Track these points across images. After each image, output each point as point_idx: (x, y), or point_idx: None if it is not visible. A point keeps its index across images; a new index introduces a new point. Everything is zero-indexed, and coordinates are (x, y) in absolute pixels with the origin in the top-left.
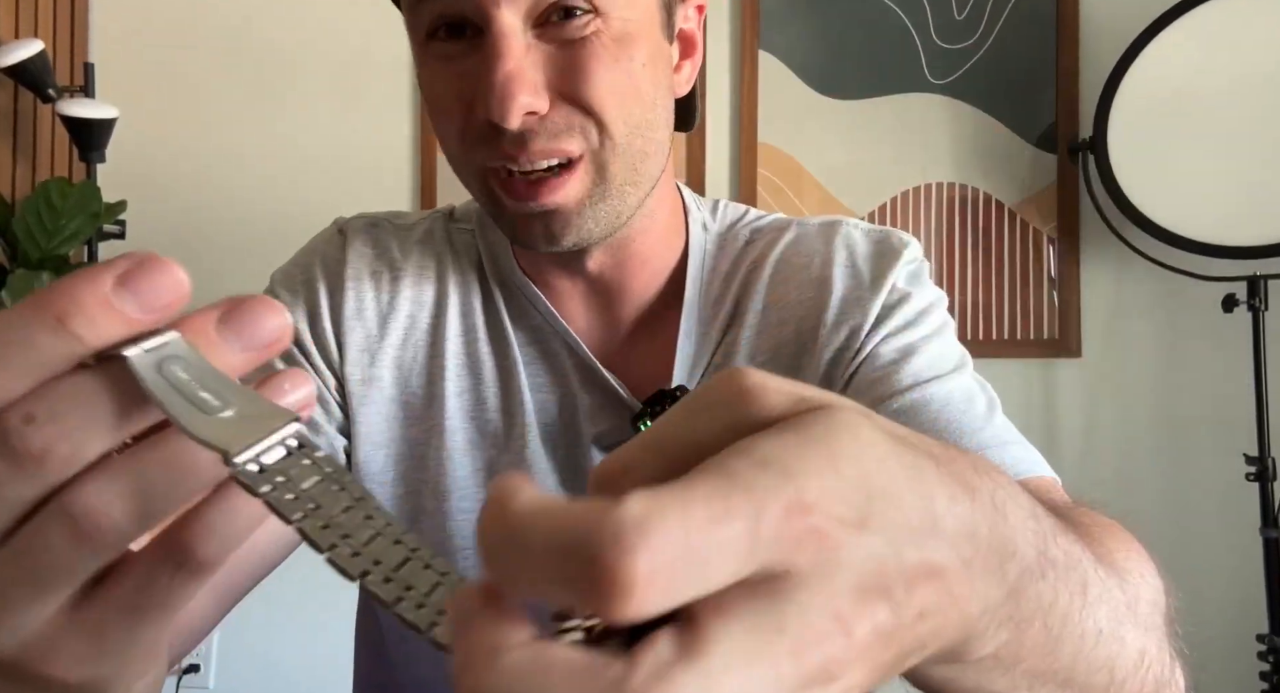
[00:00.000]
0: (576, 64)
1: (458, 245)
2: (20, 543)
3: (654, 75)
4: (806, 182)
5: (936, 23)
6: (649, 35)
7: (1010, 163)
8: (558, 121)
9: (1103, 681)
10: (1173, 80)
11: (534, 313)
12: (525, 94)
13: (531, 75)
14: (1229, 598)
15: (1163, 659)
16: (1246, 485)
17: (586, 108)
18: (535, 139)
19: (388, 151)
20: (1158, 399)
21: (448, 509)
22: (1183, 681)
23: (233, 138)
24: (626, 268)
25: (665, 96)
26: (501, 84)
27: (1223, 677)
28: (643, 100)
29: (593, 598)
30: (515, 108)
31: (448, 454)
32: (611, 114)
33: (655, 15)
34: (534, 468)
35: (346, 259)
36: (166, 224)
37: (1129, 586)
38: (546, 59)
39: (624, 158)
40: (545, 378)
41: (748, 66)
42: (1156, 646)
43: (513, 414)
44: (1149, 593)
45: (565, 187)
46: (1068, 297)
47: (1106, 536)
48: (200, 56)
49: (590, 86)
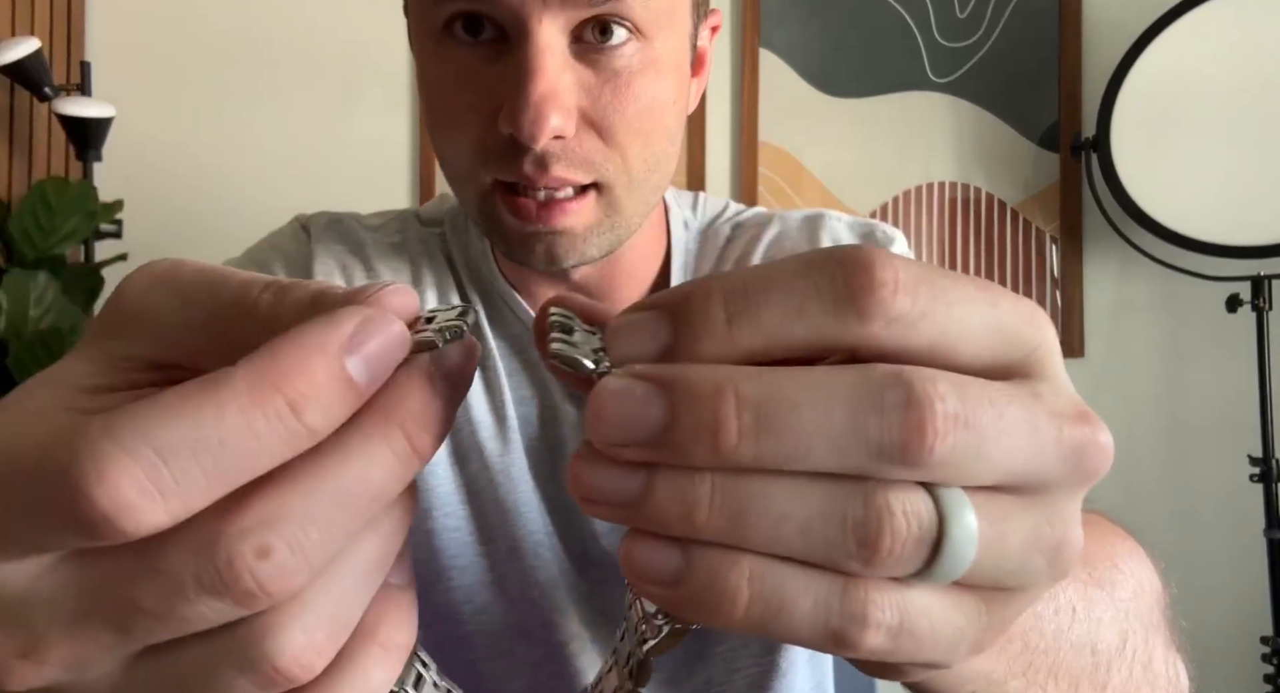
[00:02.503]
0: (609, 96)
1: (431, 250)
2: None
3: (680, 111)
4: (807, 181)
5: (938, 21)
6: (680, 67)
7: (1013, 161)
8: (578, 151)
9: (1085, 662)
10: (1176, 78)
11: (515, 322)
12: (558, 116)
13: (565, 98)
14: (1233, 600)
15: (1151, 647)
16: (1250, 487)
17: (611, 141)
18: (555, 164)
19: (387, 151)
20: (1161, 400)
21: (432, 528)
22: (1184, 674)
23: (230, 137)
24: (613, 277)
25: (682, 128)
26: (536, 104)
27: (1226, 678)
28: (666, 135)
29: (848, 300)
30: (547, 130)
31: (428, 469)
32: (635, 152)
33: (686, 42)
34: (518, 482)
35: (314, 254)
36: (163, 224)
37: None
38: (579, 81)
39: (639, 192)
40: (528, 390)
41: (749, 65)
42: (1143, 632)
43: (496, 427)
44: (1132, 586)
45: (575, 213)
46: (1070, 296)
47: (1094, 531)
48: (198, 55)
49: (620, 122)
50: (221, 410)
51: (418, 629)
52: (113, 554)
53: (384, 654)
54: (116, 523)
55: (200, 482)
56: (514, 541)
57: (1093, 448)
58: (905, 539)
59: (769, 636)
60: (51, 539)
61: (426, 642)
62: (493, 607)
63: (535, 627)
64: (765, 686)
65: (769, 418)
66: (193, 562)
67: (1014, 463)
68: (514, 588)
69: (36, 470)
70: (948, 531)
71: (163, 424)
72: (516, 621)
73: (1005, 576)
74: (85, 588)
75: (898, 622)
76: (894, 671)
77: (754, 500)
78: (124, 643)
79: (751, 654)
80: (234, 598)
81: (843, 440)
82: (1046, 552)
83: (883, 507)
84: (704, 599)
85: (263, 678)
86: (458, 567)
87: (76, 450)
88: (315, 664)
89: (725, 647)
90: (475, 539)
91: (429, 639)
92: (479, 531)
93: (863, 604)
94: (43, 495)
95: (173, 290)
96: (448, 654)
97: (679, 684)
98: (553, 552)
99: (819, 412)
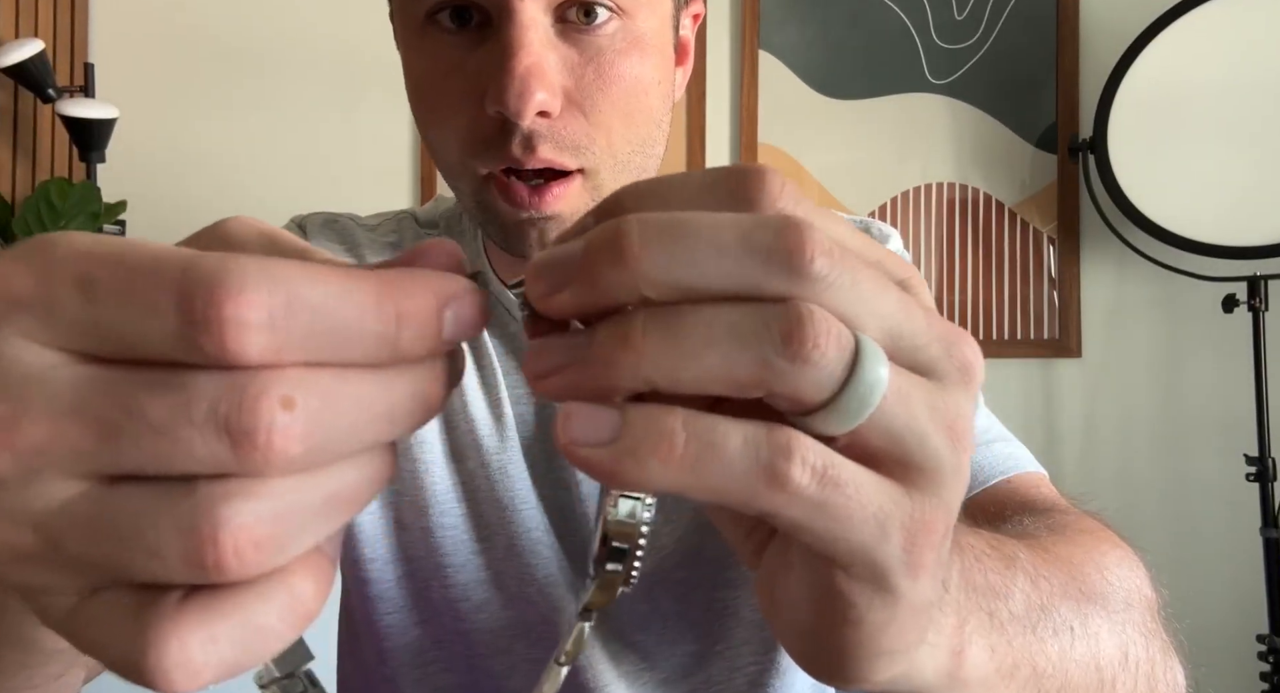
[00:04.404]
0: (593, 75)
1: None
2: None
3: (664, 93)
4: (807, 181)
5: (936, 23)
6: (663, 50)
7: (1010, 163)
8: (564, 133)
9: (1092, 679)
10: (1173, 80)
11: (511, 321)
12: (543, 90)
13: (550, 73)
14: (1229, 598)
15: (1151, 655)
16: (1247, 486)
17: (595, 121)
18: (542, 144)
19: (387, 152)
20: (1158, 399)
21: (428, 525)
22: (1181, 674)
23: (233, 137)
24: None
25: (669, 111)
26: (521, 77)
27: (1223, 677)
28: (651, 118)
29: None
30: (533, 104)
31: (424, 467)
32: (619, 132)
33: (668, 23)
34: (515, 480)
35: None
36: (166, 224)
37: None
38: (563, 60)
39: (625, 174)
40: (525, 388)
41: (748, 66)
42: (1143, 640)
43: (493, 425)
44: (1123, 596)
45: (563, 198)
46: (1068, 296)
47: (1084, 550)
48: (201, 57)
49: (604, 101)
50: (349, 294)
51: (411, 626)
52: (143, 368)
53: (289, 602)
54: (225, 335)
55: (303, 340)
56: (511, 538)
57: (962, 342)
58: (826, 338)
59: (702, 488)
60: (132, 325)
61: (424, 639)
62: (490, 604)
63: (533, 624)
64: (765, 684)
65: (667, 231)
66: (219, 389)
67: (892, 319)
68: (511, 586)
69: (170, 265)
70: (861, 357)
71: (304, 281)
72: (514, 618)
73: (913, 442)
74: (96, 387)
75: (822, 466)
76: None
77: (682, 316)
78: (97, 453)
79: (752, 653)
80: (235, 438)
81: (734, 249)
82: (944, 428)
83: (804, 311)
84: (642, 447)
85: (194, 547)
86: (455, 564)
87: (228, 268)
88: (247, 556)
89: (724, 646)
90: (473, 537)
91: (426, 636)
92: (476, 528)
93: (789, 438)
94: (160, 288)
95: (270, 241)
96: (445, 651)
97: (677, 684)
98: (550, 549)
99: (709, 227)
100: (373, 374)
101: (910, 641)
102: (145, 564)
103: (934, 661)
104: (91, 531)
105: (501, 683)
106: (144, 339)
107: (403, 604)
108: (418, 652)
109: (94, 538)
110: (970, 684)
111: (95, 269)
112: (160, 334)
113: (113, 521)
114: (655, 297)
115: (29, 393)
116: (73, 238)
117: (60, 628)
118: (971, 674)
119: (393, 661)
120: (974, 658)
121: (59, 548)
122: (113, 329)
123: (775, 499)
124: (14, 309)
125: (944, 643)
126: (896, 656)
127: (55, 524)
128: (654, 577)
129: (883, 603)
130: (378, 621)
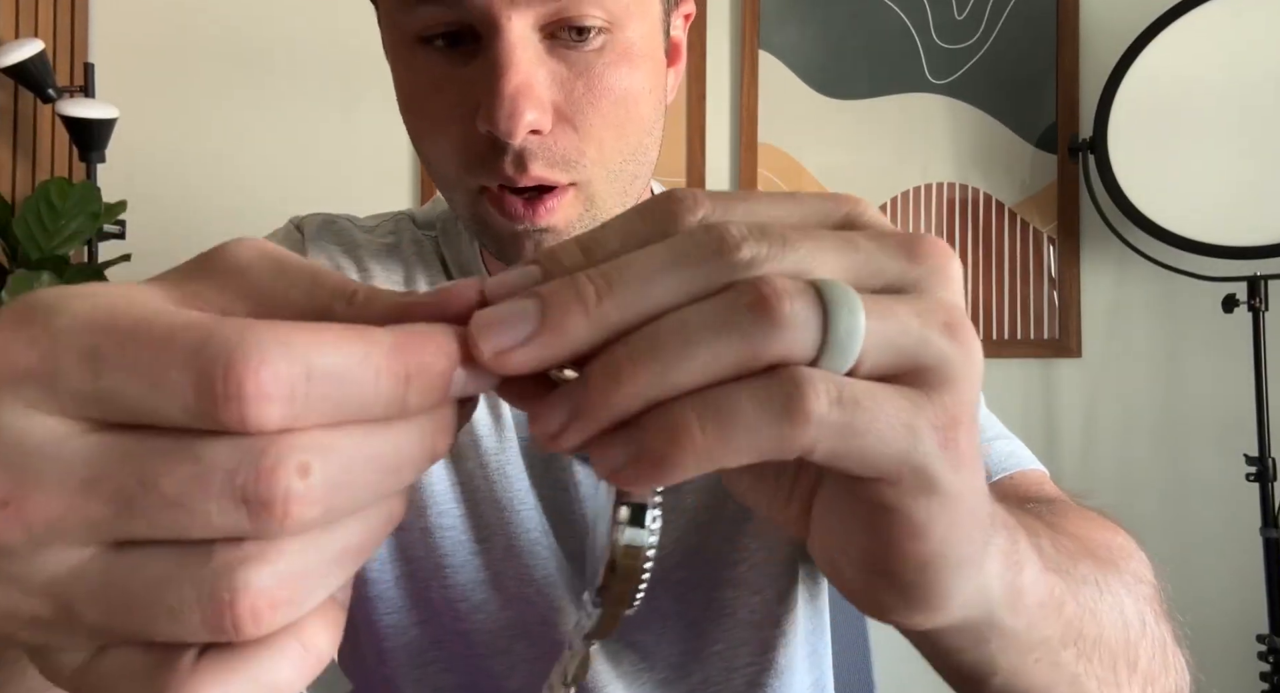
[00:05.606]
0: (583, 89)
1: (424, 252)
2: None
3: (656, 100)
4: (807, 182)
5: (936, 23)
6: (654, 56)
7: (1010, 163)
8: (555, 148)
9: (1120, 636)
10: (1173, 80)
11: None
12: (533, 110)
13: (539, 91)
14: (1229, 598)
15: (1162, 634)
16: (1247, 486)
17: (586, 135)
18: (534, 162)
19: (387, 152)
20: (1158, 399)
21: (427, 526)
22: (1184, 664)
23: (233, 138)
24: None
25: (661, 116)
26: (511, 97)
27: (1223, 677)
28: (642, 126)
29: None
30: (523, 124)
31: None
32: (611, 144)
33: (658, 28)
34: (513, 480)
35: (308, 254)
36: (166, 224)
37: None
38: (553, 77)
39: (617, 183)
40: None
41: (748, 66)
42: (1153, 617)
43: (491, 426)
44: (1131, 577)
45: (558, 209)
46: (1068, 296)
47: (1091, 530)
48: (200, 56)
49: (594, 115)
50: (367, 357)
51: (410, 627)
52: (155, 435)
53: (302, 655)
54: (246, 407)
55: (319, 405)
56: (510, 539)
57: (918, 244)
58: (788, 293)
59: (738, 454)
60: (143, 399)
61: (423, 639)
62: (489, 604)
63: (532, 624)
64: (763, 684)
65: (612, 276)
66: (235, 458)
67: (841, 261)
68: (510, 586)
69: (183, 339)
70: (829, 296)
71: (320, 349)
72: (513, 618)
73: (915, 348)
74: (108, 458)
75: (836, 390)
76: (936, 585)
77: (656, 332)
78: (113, 523)
79: (750, 653)
80: (253, 507)
81: (673, 270)
82: (939, 327)
83: (758, 279)
84: (667, 443)
85: (214, 611)
86: (453, 565)
87: (245, 338)
88: (264, 617)
89: (722, 646)
90: (471, 538)
91: (425, 636)
92: (475, 529)
93: (797, 374)
94: (173, 365)
95: (276, 264)
96: (444, 651)
97: (676, 684)
98: (549, 550)
99: (644, 258)
100: (383, 429)
101: (977, 545)
102: (163, 628)
103: (1000, 575)
104: (106, 596)
105: (501, 683)
106: (155, 412)
107: (402, 605)
108: (417, 652)
109: (108, 603)
110: (1030, 608)
111: (101, 343)
112: (174, 408)
113: (127, 586)
114: (623, 331)
115: (38, 465)
116: (71, 304)
117: (69, 685)
118: (1030, 595)
119: (392, 661)
120: (1030, 577)
121: (72, 613)
122: (122, 402)
123: (805, 434)
124: (17, 381)
125: (1003, 556)
126: (967, 568)
127: (68, 591)
128: (653, 577)
129: (941, 506)
130: (377, 621)
